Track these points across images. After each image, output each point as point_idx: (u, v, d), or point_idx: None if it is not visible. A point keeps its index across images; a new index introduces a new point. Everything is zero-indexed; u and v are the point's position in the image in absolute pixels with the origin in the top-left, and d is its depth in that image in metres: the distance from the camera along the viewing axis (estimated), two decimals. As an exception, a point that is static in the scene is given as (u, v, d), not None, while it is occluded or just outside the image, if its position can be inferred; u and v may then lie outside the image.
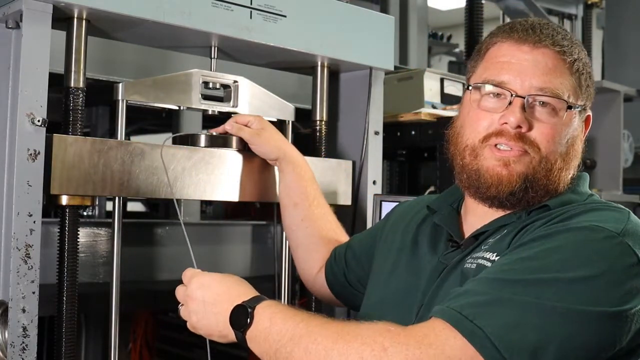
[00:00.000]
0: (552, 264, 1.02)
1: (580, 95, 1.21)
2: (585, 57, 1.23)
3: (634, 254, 1.03)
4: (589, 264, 1.01)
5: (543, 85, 1.17)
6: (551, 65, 1.18)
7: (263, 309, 1.12)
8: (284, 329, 1.08)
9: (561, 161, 1.18)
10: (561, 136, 1.18)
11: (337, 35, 1.84)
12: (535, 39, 1.18)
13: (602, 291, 1.00)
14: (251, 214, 2.98)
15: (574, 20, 5.24)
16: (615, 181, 3.61)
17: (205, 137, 1.66)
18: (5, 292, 1.34)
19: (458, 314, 0.98)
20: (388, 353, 0.97)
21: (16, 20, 1.37)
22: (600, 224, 1.06)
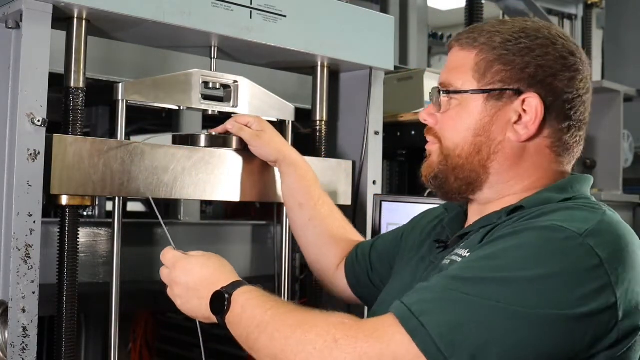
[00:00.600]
0: (507, 263, 1.01)
1: (479, 80, 1.19)
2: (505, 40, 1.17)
3: (595, 256, 1.00)
4: (545, 264, 0.99)
5: (442, 81, 1.24)
6: (454, 61, 1.23)
7: (239, 295, 1.18)
8: (253, 316, 1.13)
9: (461, 148, 1.20)
10: (456, 123, 1.21)
11: (337, 35, 1.84)
12: (451, 42, 1.26)
13: (557, 293, 0.97)
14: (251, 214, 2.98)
15: (574, 20, 5.24)
16: (615, 181, 3.62)
17: (205, 137, 1.66)
18: (5, 292, 1.34)
19: (407, 310, 1.00)
20: (338, 345, 1.01)
21: (16, 20, 1.37)
22: (564, 224, 1.03)
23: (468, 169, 1.21)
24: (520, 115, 1.17)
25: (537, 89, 1.16)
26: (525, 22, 1.21)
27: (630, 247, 1.05)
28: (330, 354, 1.01)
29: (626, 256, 1.03)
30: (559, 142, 1.19)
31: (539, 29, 1.19)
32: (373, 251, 1.56)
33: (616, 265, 1.01)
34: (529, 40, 1.17)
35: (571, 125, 1.20)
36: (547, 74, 1.16)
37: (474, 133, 1.19)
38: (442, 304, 1.00)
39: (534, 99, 1.16)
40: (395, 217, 1.95)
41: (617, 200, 3.51)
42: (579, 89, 1.19)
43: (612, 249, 1.02)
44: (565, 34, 1.22)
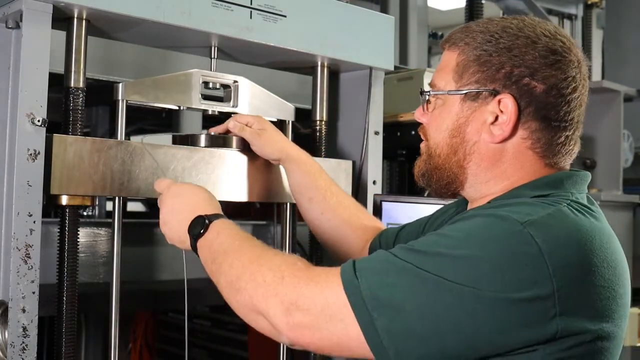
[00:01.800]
0: (447, 241, 1.04)
1: (457, 80, 1.20)
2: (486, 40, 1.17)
3: (534, 244, 0.99)
4: (479, 245, 1.01)
5: (431, 80, 1.27)
6: (442, 61, 1.26)
7: (217, 223, 1.28)
8: (224, 243, 1.23)
9: (445, 145, 1.22)
10: (437, 123, 1.23)
11: (337, 35, 1.84)
12: (443, 42, 1.27)
13: (486, 273, 0.98)
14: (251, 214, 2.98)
15: (574, 20, 5.24)
16: (615, 181, 3.62)
17: (205, 137, 1.66)
18: (5, 292, 1.34)
19: (352, 266, 1.06)
20: (284, 282, 1.09)
21: (16, 20, 1.37)
22: (511, 213, 1.03)
23: (447, 168, 1.23)
24: (496, 116, 1.16)
25: (512, 90, 1.14)
26: (512, 21, 1.19)
27: (584, 243, 1.03)
28: (275, 288, 1.09)
29: (577, 252, 1.02)
30: (539, 142, 1.16)
31: (522, 28, 1.16)
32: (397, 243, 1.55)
33: (559, 258, 0.99)
34: (508, 39, 1.15)
35: (553, 126, 1.16)
36: (524, 74, 1.14)
37: (450, 134, 1.21)
38: (381, 265, 1.05)
39: (509, 99, 1.14)
40: (395, 217, 1.96)
41: (617, 200, 3.51)
42: (561, 88, 1.14)
43: (556, 241, 1.01)
44: (556, 31, 1.18)
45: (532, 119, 1.15)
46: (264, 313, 1.09)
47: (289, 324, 1.07)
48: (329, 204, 1.64)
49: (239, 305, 1.15)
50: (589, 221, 1.08)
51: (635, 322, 3.39)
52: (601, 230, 1.09)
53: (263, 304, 1.09)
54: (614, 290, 1.05)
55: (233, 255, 1.19)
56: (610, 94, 3.61)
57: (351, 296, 1.03)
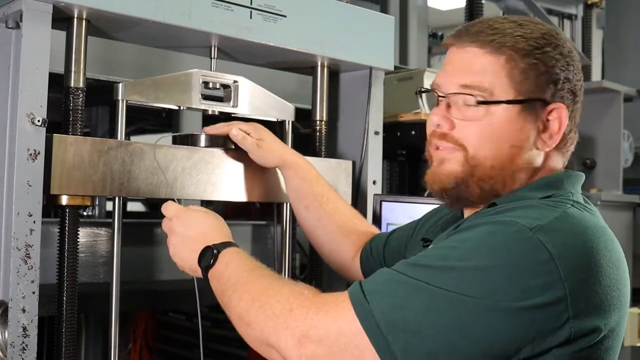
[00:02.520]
0: (457, 253, 1.02)
1: (514, 89, 1.15)
2: (532, 48, 1.16)
3: (545, 250, 0.99)
4: (490, 255, 1.00)
5: (463, 83, 1.17)
6: (475, 62, 1.17)
7: (226, 253, 1.26)
8: (232, 275, 1.21)
9: (493, 158, 1.16)
10: (487, 133, 1.16)
11: (337, 35, 1.83)
12: (462, 38, 1.20)
13: (499, 283, 0.97)
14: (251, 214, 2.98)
15: (574, 20, 5.23)
16: (615, 181, 3.62)
17: (205, 137, 1.66)
18: (5, 292, 1.34)
19: (359, 289, 1.04)
20: (293, 314, 1.07)
21: (16, 20, 1.37)
22: (518, 219, 1.03)
23: (498, 179, 1.17)
24: (545, 124, 1.17)
25: (562, 99, 1.17)
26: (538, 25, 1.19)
27: (591, 245, 1.04)
28: (284, 321, 1.07)
29: (585, 254, 1.02)
30: (566, 145, 1.21)
31: (556, 36, 1.19)
32: (387, 249, 1.57)
33: (569, 261, 1.00)
34: (552, 48, 1.17)
35: (572, 129, 1.21)
36: (568, 84, 1.17)
37: (510, 144, 1.16)
38: (390, 285, 1.03)
39: (561, 109, 1.17)
40: (395, 217, 1.96)
41: (617, 200, 3.51)
42: (582, 95, 1.22)
43: (566, 245, 1.01)
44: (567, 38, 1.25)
45: (572, 125, 1.20)
46: (275, 346, 1.08)
47: (301, 357, 1.04)
48: (325, 210, 1.65)
49: (251, 338, 1.13)
50: (594, 221, 1.09)
51: (635, 322, 3.38)
52: (604, 229, 1.10)
53: (274, 337, 1.07)
54: (618, 289, 1.06)
55: (242, 288, 1.17)
56: (610, 94, 3.60)
57: (364, 322, 1.00)
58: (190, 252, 1.31)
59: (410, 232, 1.52)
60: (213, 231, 1.33)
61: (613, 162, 3.64)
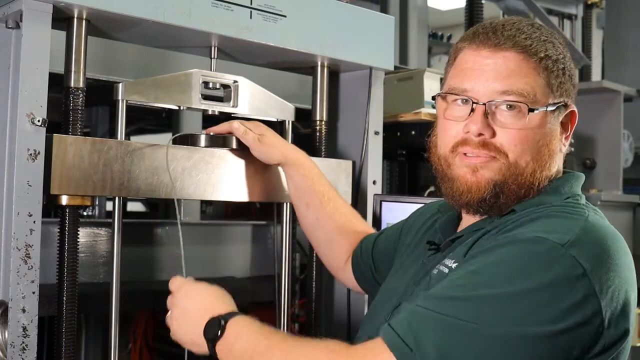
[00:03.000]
0: (490, 279, 1.00)
1: (552, 94, 1.16)
2: (558, 52, 1.18)
3: (579, 266, 0.99)
4: (528, 278, 0.98)
5: (504, 89, 1.14)
6: (513, 67, 1.14)
7: (234, 323, 1.17)
8: (247, 346, 1.13)
9: (534, 163, 1.15)
10: (530, 139, 1.14)
11: (337, 35, 1.83)
12: (495, 42, 1.15)
13: (544, 305, 0.97)
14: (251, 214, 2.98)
15: (574, 20, 5.23)
16: (615, 181, 3.61)
17: (205, 137, 1.66)
18: (5, 292, 1.34)
19: (397, 337, 0.99)
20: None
21: (16, 20, 1.37)
22: (546, 234, 1.01)
23: (534, 185, 1.16)
24: (563, 127, 1.21)
25: (573, 101, 1.22)
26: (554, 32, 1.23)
27: (613, 252, 1.05)
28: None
29: (610, 262, 1.03)
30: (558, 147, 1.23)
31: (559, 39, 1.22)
32: (375, 250, 1.56)
33: (600, 273, 1.00)
34: (566, 52, 1.21)
35: None
36: (575, 88, 1.22)
37: (547, 149, 1.17)
38: (432, 330, 0.98)
39: (575, 110, 1.22)
40: (395, 217, 1.95)
41: (617, 200, 3.51)
42: None
43: (595, 257, 1.02)
44: None
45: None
46: None
47: None
48: (325, 209, 1.65)
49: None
50: (609, 227, 1.11)
51: (635, 322, 3.38)
52: (614, 230, 1.11)
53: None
54: (634, 290, 1.08)
55: (264, 356, 1.11)
56: (610, 94, 3.60)
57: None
58: (193, 324, 1.22)
59: (397, 232, 1.51)
60: (216, 302, 1.25)
61: (613, 162, 3.64)
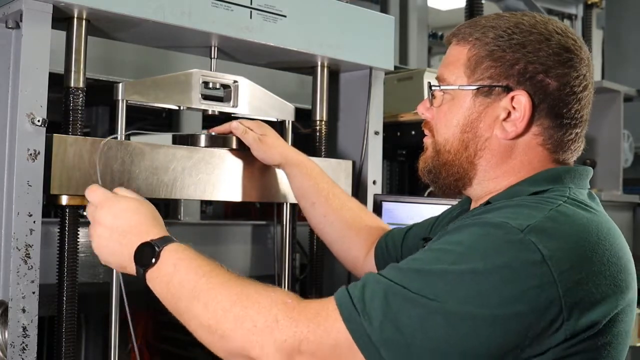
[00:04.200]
0: (445, 256, 1.01)
1: (468, 76, 1.17)
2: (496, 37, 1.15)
3: (537, 251, 0.97)
4: (482, 259, 0.98)
5: (438, 75, 1.23)
6: (450, 55, 1.22)
7: (170, 252, 1.15)
8: (186, 280, 1.11)
9: (455, 140, 1.19)
10: (446, 118, 1.20)
11: (337, 35, 1.84)
12: (450, 36, 1.24)
13: (493, 288, 0.96)
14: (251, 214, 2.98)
15: (574, 20, 5.24)
16: (615, 181, 3.62)
17: (205, 137, 1.66)
18: (5, 292, 1.34)
19: (348, 298, 1.00)
20: (279, 325, 1.01)
21: (16, 20, 1.37)
22: (508, 220, 1.01)
23: (457, 164, 1.20)
24: (509, 112, 1.15)
25: (526, 87, 1.14)
26: (523, 17, 1.18)
27: (582, 244, 1.02)
28: (270, 333, 1.01)
29: (576, 253, 1.00)
30: (551, 139, 1.17)
31: (534, 24, 1.16)
32: (404, 245, 1.54)
33: (562, 262, 0.98)
34: (522, 35, 1.14)
35: (564, 123, 1.17)
36: (538, 70, 1.13)
37: (461, 129, 1.19)
38: (378, 295, 0.99)
39: (523, 96, 1.13)
40: (395, 217, 1.96)
41: (617, 200, 3.51)
42: (574, 85, 1.16)
43: (557, 245, 0.99)
44: (566, 29, 1.19)
45: (545, 116, 1.16)
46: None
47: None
48: (331, 206, 1.64)
49: (224, 350, 1.07)
50: (587, 217, 1.07)
51: (635, 322, 3.38)
52: (599, 224, 1.08)
53: (257, 351, 1.02)
54: (615, 286, 1.04)
55: (205, 296, 1.08)
56: (610, 94, 3.61)
57: (356, 335, 0.98)
58: (121, 245, 1.18)
59: (428, 230, 1.50)
60: (148, 223, 1.20)
61: (613, 162, 3.64)
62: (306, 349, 1.00)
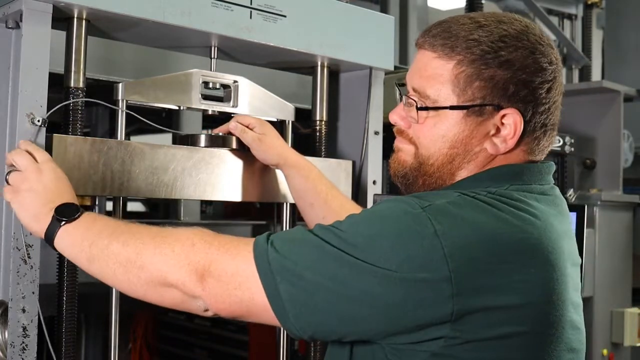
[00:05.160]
0: (353, 219, 1.08)
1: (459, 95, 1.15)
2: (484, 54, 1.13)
3: (430, 225, 1.02)
4: (380, 224, 1.05)
5: (414, 87, 1.20)
6: (428, 67, 1.18)
7: (90, 213, 1.26)
8: (107, 227, 1.20)
9: (444, 158, 1.19)
10: (435, 135, 1.19)
11: (337, 35, 1.84)
12: (421, 41, 1.21)
13: (384, 251, 1.01)
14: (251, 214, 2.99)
15: (574, 20, 5.24)
16: (615, 181, 3.61)
17: (205, 137, 1.67)
18: (5, 292, 1.34)
19: (265, 236, 1.09)
20: (195, 249, 1.11)
21: (16, 20, 1.37)
22: (418, 198, 1.07)
23: (437, 176, 1.21)
24: (498, 127, 1.15)
25: (517, 105, 1.14)
26: (502, 26, 1.15)
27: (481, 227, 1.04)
28: (186, 256, 1.10)
29: (472, 234, 1.02)
30: (536, 147, 1.19)
31: (518, 36, 1.14)
32: None
33: (455, 239, 1.01)
34: (508, 51, 1.13)
35: (547, 130, 1.19)
36: (528, 88, 1.14)
37: (450, 145, 1.18)
38: (291, 235, 1.10)
39: (515, 114, 1.14)
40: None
41: (617, 200, 3.51)
42: (555, 95, 1.17)
43: (453, 224, 1.03)
44: (541, 35, 1.18)
45: (532, 129, 1.16)
46: (176, 284, 1.11)
47: (204, 290, 1.09)
48: (330, 207, 1.64)
49: (141, 282, 1.14)
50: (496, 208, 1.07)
51: (635, 322, 3.38)
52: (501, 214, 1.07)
53: (175, 275, 1.10)
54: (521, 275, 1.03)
55: (125, 236, 1.17)
56: (610, 94, 3.60)
57: (258, 259, 1.06)
58: (43, 203, 1.25)
59: None
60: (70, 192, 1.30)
61: (613, 162, 3.64)
62: (214, 270, 1.09)
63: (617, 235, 3.45)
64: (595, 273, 3.27)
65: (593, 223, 3.29)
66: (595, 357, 3.26)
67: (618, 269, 3.42)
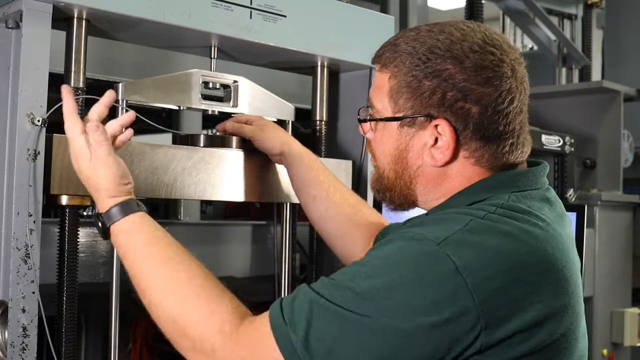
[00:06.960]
0: (365, 269, 1.03)
1: (392, 107, 1.17)
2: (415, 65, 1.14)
3: (450, 262, 0.98)
4: (398, 272, 1.00)
5: (368, 99, 1.24)
6: (376, 79, 1.23)
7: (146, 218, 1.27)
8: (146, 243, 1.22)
9: (390, 170, 1.21)
10: (379, 147, 1.22)
11: (337, 35, 1.84)
12: (373, 58, 1.25)
13: (406, 300, 0.98)
14: (251, 214, 2.99)
15: (574, 20, 5.24)
16: (615, 181, 3.62)
17: (204, 137, 1.67)
18: (5, 292, 1.34)
19: (280, 313, 1.03)
20: (216, 355, 1.08)
21: (16, 20, 1.37)
22: (427, 233, 1.03)
23: (397, 190, 1.21)
24: (436, 138, 1.14)
25: (447, 115, 1.12)
26: (440, 35, 1.14)
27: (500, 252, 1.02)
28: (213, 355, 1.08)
29: (493, 263, 1.00)
30: (483, 158, 1.15)
31: (450, 46, 1.12)
32: None
33: (477, 272, 0.99)
34: (436, 62, 1.12)
35: (494, 140, 1.14)
36: (456, 98, 1.11)
37: (393, 160, 1.19)
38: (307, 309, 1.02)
39: (445, 124, 1.12)
40: (395, 218, 1.95)
41: (617, 200, 3.51)
42: (497, 105, 1.12)
43: (473, 255, 1.00)
44: (485, 40, 1.14)
45: (471, 140, 1.14)
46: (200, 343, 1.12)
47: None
48: (332, 200, 1.62)
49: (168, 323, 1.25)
50: (509, 227, 1.05)
51: (635, 322, 3.39)
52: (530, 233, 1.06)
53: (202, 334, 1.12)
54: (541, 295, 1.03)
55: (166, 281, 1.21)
56: (610, 94, 3.60)
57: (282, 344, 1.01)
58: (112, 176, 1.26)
59: None
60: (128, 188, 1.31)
61: (613, 162, 3.64)
62: None
63: (617, 235, 3.45)
64: (595, 273, 3.28)
65: (593, 223, 3.30)
66: (596, 357, 3.26)
67: (618, 269, 3.42)
